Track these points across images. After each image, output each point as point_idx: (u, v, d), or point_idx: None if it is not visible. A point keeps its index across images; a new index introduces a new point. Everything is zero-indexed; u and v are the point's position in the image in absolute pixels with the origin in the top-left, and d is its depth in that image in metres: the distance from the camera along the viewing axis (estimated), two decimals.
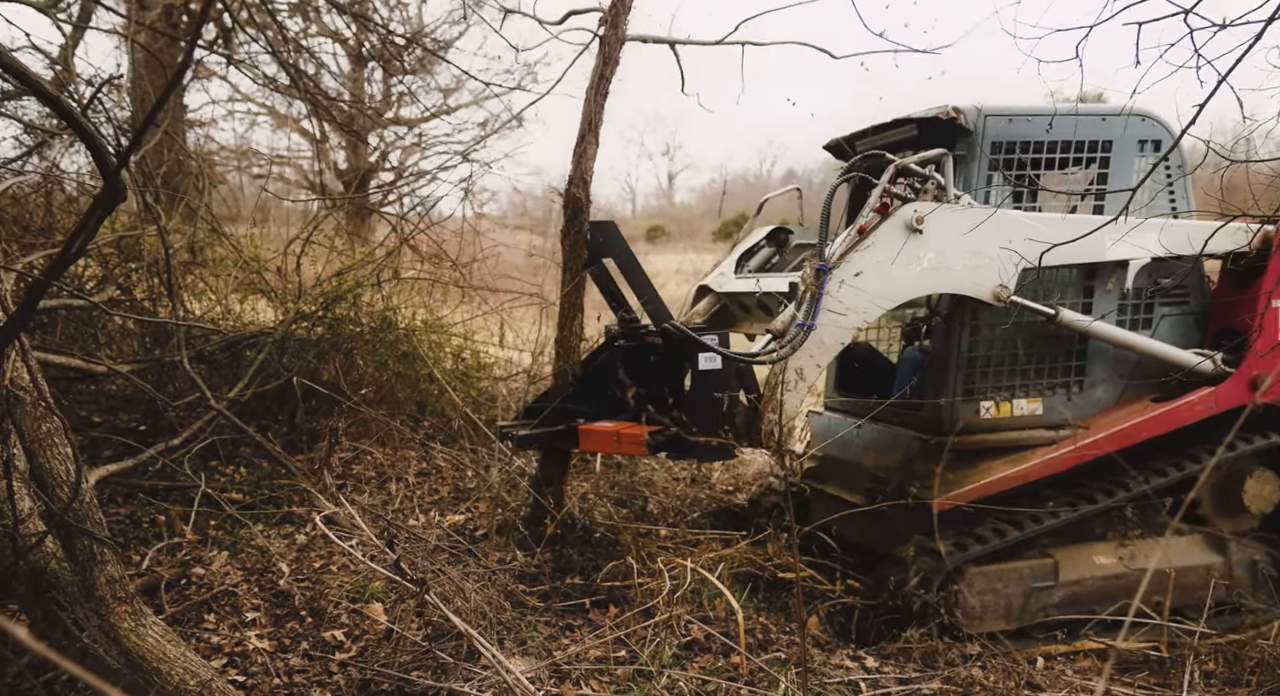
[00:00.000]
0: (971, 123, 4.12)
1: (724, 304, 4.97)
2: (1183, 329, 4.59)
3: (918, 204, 3.81)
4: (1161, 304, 4.55)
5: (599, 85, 4.18)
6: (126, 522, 4.23)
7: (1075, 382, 4.43)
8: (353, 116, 12.42)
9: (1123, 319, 4.46)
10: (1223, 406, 4.35)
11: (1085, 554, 4.31)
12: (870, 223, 3.79)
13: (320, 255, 6.52)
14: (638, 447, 3.73)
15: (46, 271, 1.59)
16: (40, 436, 2.56)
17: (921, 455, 4.37)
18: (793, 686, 3.12)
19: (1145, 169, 4.43)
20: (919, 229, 3.76)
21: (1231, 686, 3.48)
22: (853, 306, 3.68)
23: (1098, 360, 4.45)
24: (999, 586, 4.09)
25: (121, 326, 5.66)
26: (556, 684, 3.10)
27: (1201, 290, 4.66)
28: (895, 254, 3.72)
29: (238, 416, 4.99)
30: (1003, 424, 4.32)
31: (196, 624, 3.39)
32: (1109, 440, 4.23)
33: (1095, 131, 4.30)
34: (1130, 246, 4.17)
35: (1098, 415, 4.41)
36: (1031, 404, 4.37)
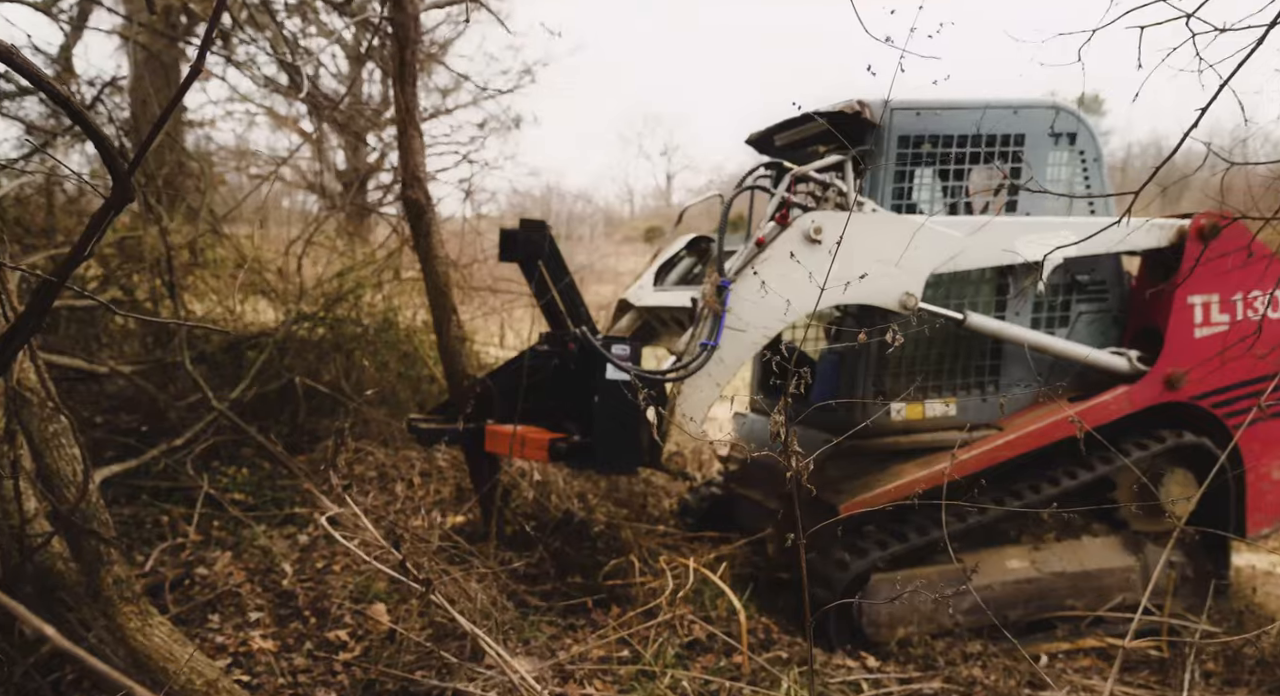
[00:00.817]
0: (877, 117, 3.99)
1: (645, 319, 4.88)
2: (1101, 327, 4.51)
3: (815, 213, 3.71)
4: (1079, 301, 4.46)
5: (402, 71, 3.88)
6: (129, 523, 4.24)
7: (990, 383, 4.35)
8: (351, 116, 12.41)
9: (1038, 317, 4.38)
10: (1138, 405, 4.29)
11: (997, 558, 4.21)
12: (769, 234, 3.69)
13: (321, 256, 6.54)
14: (539, 453, 3.66)
15: (57, 271, 1.60)
16: (47, 437, 2.57)
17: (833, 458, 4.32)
18: (795, 685, 3.14)
19: (1058, 162, 4.35)
20: (818, 239, 3.65)
21: (1231, 686, 3.50)
22: (753, 322, 3.58)
23: (1013, 360, 4.35)
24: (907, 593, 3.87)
25: (123, 327, 5.67)
26: (560, 683, 3.11)
27: (1120, 287, 4.58)
28: (794, 266, 3.55)
29: (239, 417, 5.00)
30: (914, 425, 4.22)
31: (201, 624, 3.40)
32: (1022, 440, 4.14)
33: (1007, 125, 4.17)
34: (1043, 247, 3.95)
35: (1013, 416, 4.33)
36: (944, 405, 4.28)
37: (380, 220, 10.60)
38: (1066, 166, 4.38)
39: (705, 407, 3.63)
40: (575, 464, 3.80)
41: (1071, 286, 4.44)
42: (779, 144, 4.68)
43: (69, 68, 6.82)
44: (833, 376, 4.41)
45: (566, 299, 4.07)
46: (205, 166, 7.56)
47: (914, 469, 4.07)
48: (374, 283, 6.13)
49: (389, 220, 7.82)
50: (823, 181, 3.85)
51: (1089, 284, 4.47)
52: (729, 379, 3.66)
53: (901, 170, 4.14)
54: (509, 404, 3.94)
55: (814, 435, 4.35)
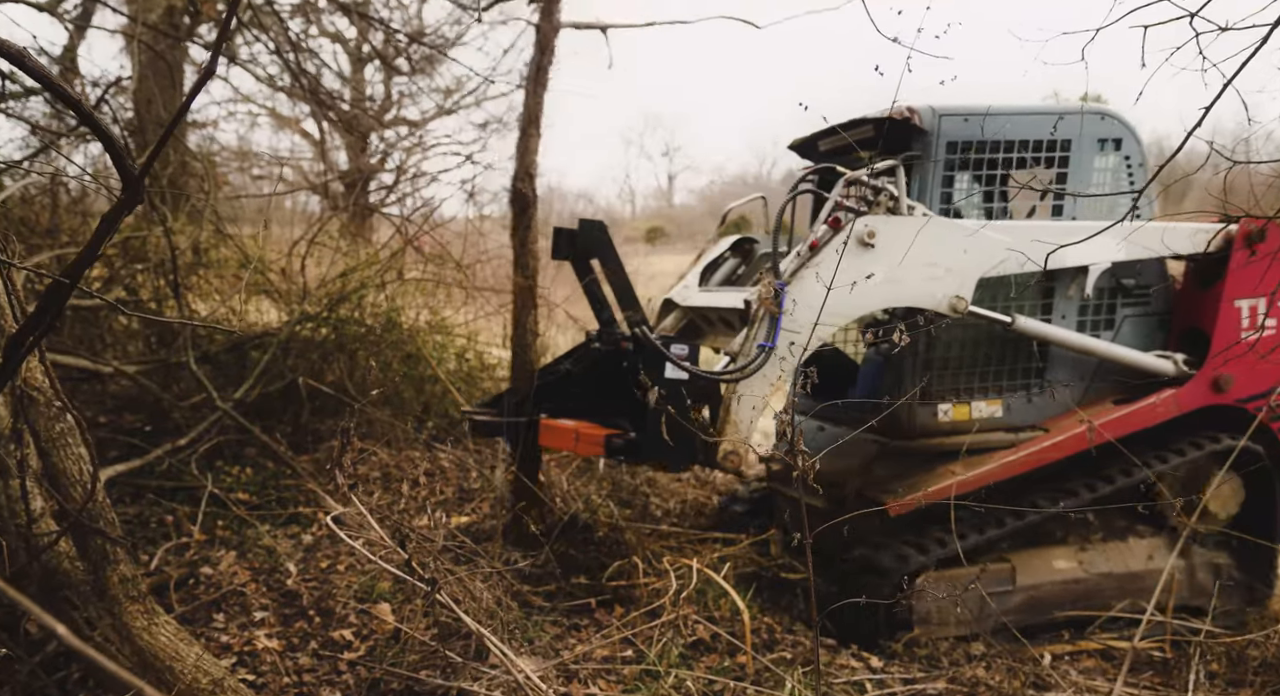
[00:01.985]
0: (926, 123, 4.04)
1: (690, 318, 4.92)
2: (1146, 330, 4.53)
3: (869, 217, 3.75)
4: (1124, 305, 4.49)
5: (537, 76, 4.06)
6: (134, 523, 4.25)
7: (1036, 385, 4.37)
8: (354, 117, 12.43)
9: (1084, 320, 4.40)
10: (1185, 408, 4.30)
11: (1043, 558, 4.23)
12: (822, 238, 3.73)
13: (324, 256, 6.54)
14: (594, 448, 3.70)
15: (68, 272, 1.61)
16: (54, 436, 2.57)
17: (880, 458, 4.33)
18: (799, 685, 3.14)
19: (1105, 168, 4.38)
20: (871, 243, 3.69)
21: (1235, 687, 3.50)
22: (807, 324, 3.61)
23: (1059, 362, 4.38)
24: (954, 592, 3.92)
25: (127, 327, 5.68)
26: (564, 683, 3.12)
27: (1165, 291, 4.59)
28: (848, 269, 3.59)
29: (243, 417, 5.01)
30: (961, 427, 4.24)
31: (206, 623, 3.40)
32: (1069, 442, 4.15)
33: (1054, 131, 4.21)
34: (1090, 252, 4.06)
35: (1059, 417, 4.34)
36: (991, 406, 4.30)
37: (383, 220, 10.60)
38: (1112, 171, 4.41)
39: (760, 407, 3.69)
40: (630, 459, 3.84)
41: (1116, 290, 4.47)
42: (823, 149, 4.76)
43: (74, 68, 6.83)
44: (876, 378, 4.46)
45: (621, 293, 4.07)
46: (208, 167, 7.57)
47: (962, 469, 4.11)
48: (377, 283, 6.13)
49: (392, 220, 7.83)
50: (875, 186, 3.89)
51: (1134, 287, 4.51)
52: (783, 379, 3.72)
53: (949, 175, 4.20)
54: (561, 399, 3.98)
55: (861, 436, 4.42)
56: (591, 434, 3.74)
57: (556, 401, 4.11)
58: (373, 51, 14.45)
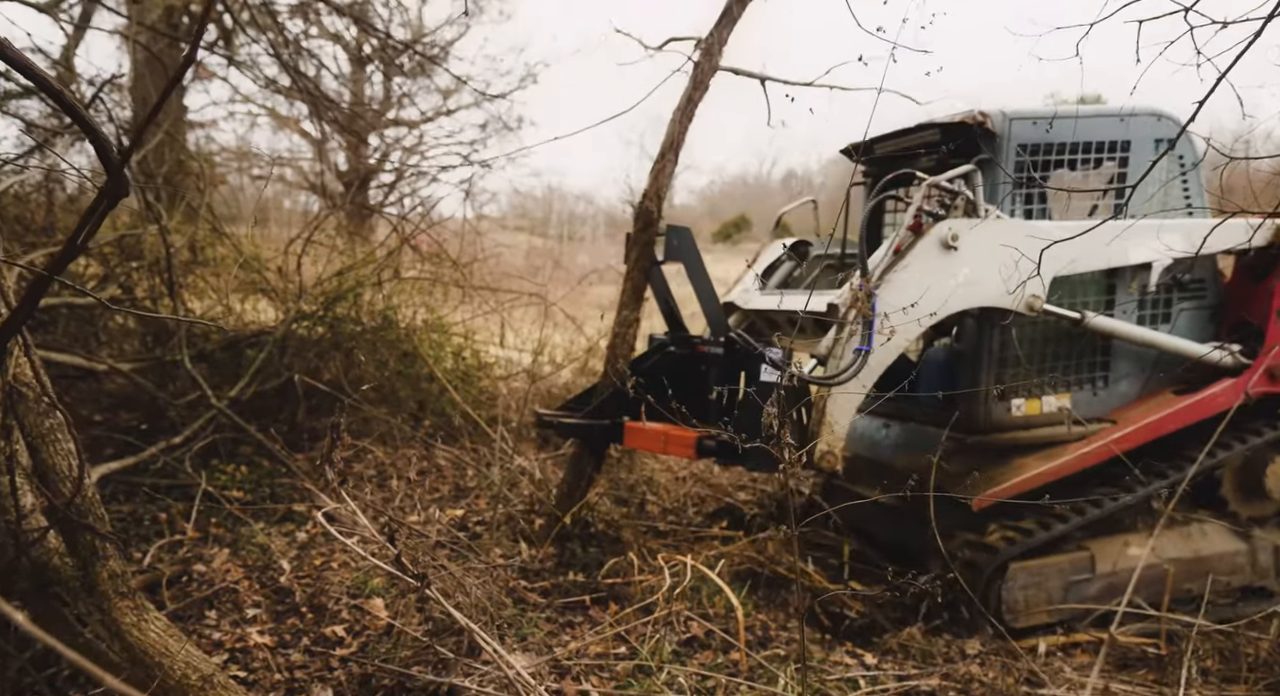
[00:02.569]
0: (998, 127, 4.17)
1: (751, 320, 5.00)
2: (1200, 322, 4.68)
3: (952, 222, 3.86)
4: (1180, 299, 4.65)
5: (686, 107, 4.27)
6: (128, 520, 4.25)
7: (1101, 378, 4.52)
8: (353, 117, 12.44)
9: (1142, 314, 4.55)
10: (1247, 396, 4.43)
11: (1119, 545, 4.37)
12: (905, 242, 3.84)
13: (321, 255, 6.54)
14: (686, 450, 3.78)
15: (51, 264, 1.60)
16: (43, 432, 2.57)
17: (955, 454, 4.42)
18: (792, 682, 3.13)
19: (1162, 168, 4.50)
20: (954, 246, 3.81)
21: (1229, 683, 3.49)
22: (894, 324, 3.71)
23: (1121, 355, 4.54)
24: (1040, 580, 4.15)
25: (122, 325, 5.68)
26: (557, 679, 3.11)
27: (1216, 284, 4.75)
28: (932, 272, 3.76)
29: (239, 415, 5.01)
30: (1034, 420, 4.39)
31: (198, 620, 3.40)
32: (1139, 433, 4.31)
33: (1114, 132, 4.36)
34: (1152, 249, 4.25)
35: (1123, 409, 4.51)
36: (1060, 400, 4.43)
37: (381, 220, 10.61)
38: (1168, 170, 4.54)
39: (852, 410, 3.76)
40: (721, 460, 3.92)
41: (1172, 285, 4.62)
42: (879, 153, 4.84)
43: (70, 68, 6.84)
44: (940, 373, 4.55)
45: (710, 302, 4.14)
46: (205, 165, 7.57)
47: (1037, 462, 4.23)
48: (374, 281, 6.13)
49: (389, 219, 7.83)
50: (953, 189, 3.97)
51: (1189, 282, 4.66)
52: (872, 382, 3.79)
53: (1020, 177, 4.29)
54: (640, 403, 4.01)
55: (932, 432, 4.54)
56: (682, 435, 3.80)
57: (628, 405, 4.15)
58: (372, 52, 14.47)
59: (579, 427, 4.22)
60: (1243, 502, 4.68)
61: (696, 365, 4.22)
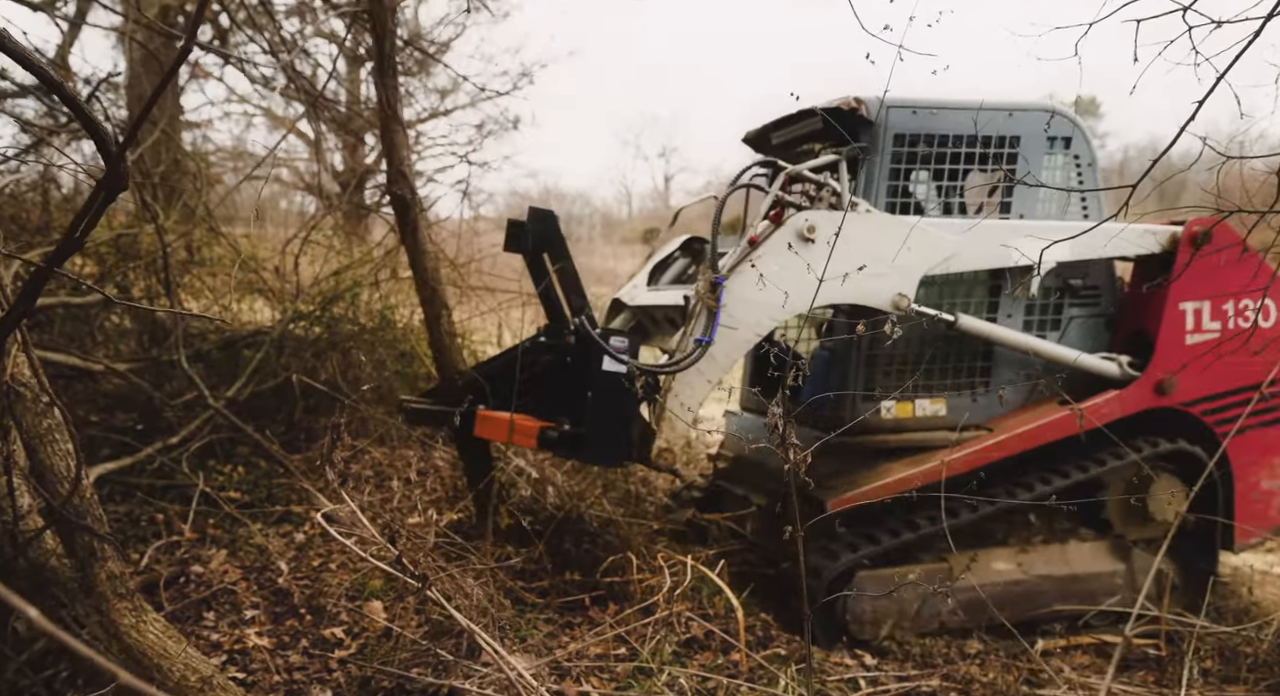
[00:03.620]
0: (874, 114, 3.97)
1: (638, 318, 4.88)
2: (1093, 331, 4.50)
3: (809, 212, 3.70)
4: (1071, 305, 4.47)
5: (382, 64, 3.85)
6: (124, 521, 4.22)
7: (981, 384, 4.35)
8: (350, 117, 12.41)
9: (1030, 320, 4.37)
10: (1128, 410, 4.28)
11: (984, 559, 4.20)
12: (762, 232, 3.68)
13: (318, 255, 6.52)
14: (528, 440, 3.64)
15: (49, 258, 1.59)
16: (40, 432, 2.55)
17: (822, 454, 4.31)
18: (793, 683, 3.12)
19: (1053, 166, 4.34)
20: (811, 238, 3.64)
21: (1229, 683, 3.49)
22: (746, 320, 3.57)
23: (1004, 362, 4.36)
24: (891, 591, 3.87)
25: (119, 325, 5.65)
26: (557, 680, 3.10)
27: (1113, 292, 4.57)
28: (787, 265, 3.56)
29: (236, 415, 4.99)
30: (905, 424, 4.23)
31: (196, 621, 3.38)
32: (1012, 442, 4.14)
33: (1003, 127, 4.16)
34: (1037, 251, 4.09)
35: (1003, 417, 4.33)
36: (935, 405, 4.28)
37: (378, 220, 10.58)
38: (1061, 170, 4.37)
39: (697, 404, 3.62)
40: (563, 453, 3.78)
41: (1064, 290, 4.43)
42: (775, 141, 4.66)
43: (66, 66, 6.80)
44: (824, 374, 4.40)
45: (567, 284, 3.95)
46: (202, 165, 7.55)
47: (903, 467, 4.07)
48: (371, 281, 6.11)
49: (386, 219, 7.81)
50: (817, 181, 3.83)
51: (1082, 288, 4.47)
52: (720, 376, 3.66)
53: (896, 169, 4.11)
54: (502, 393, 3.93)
55: (805, 432, 4.33)
56: (526, 425, 3.67)
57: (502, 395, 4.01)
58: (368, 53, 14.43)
59: (427, 414, 4.08)
60: (1127, 524, 4.47)
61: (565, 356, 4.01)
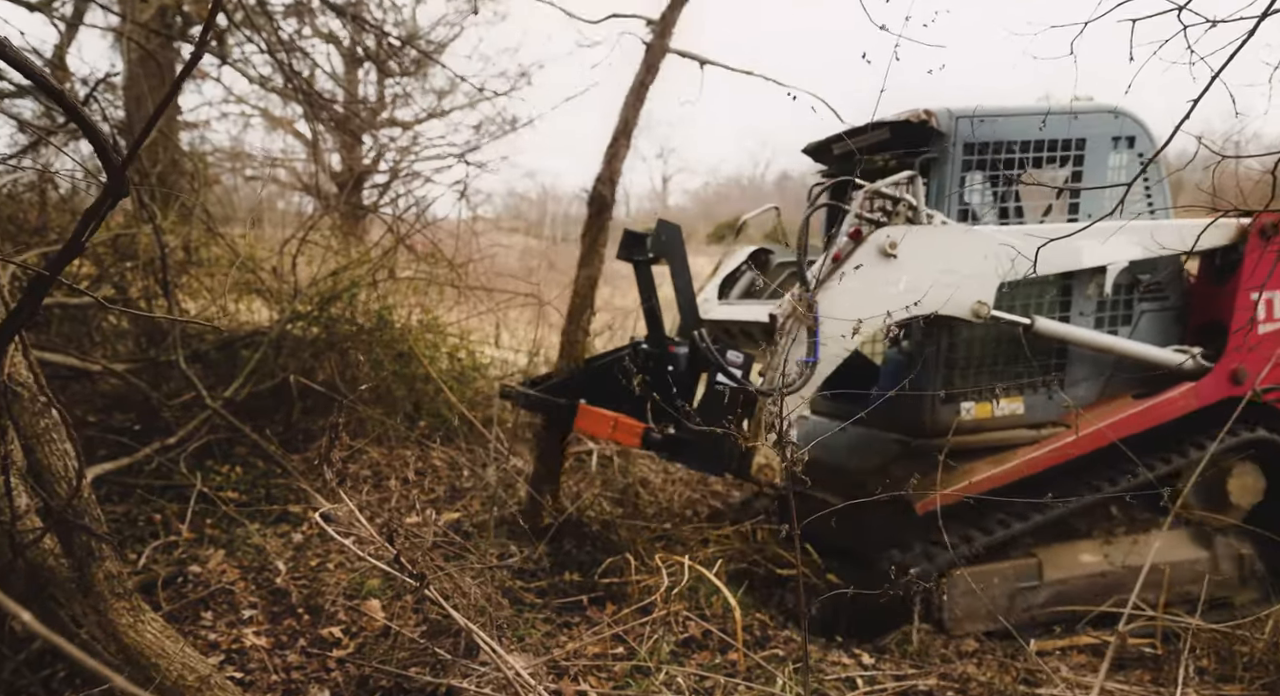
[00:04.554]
0: (944, 125, 4.08)
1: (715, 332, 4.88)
2: (1163, 325, 4.58)
3: (890, 228, 3.79)
4: (1141, 300, 4.54)
5: (639, 91, 4.27)
6: (122, 521, 4.22)
7: (1056, 381, 4.42)
8: (347, 118, 12.40)
9: (1102, 317, 4.44)
10: (1203, 401, 4.33)
11: (1070, 552, 4.28)
12: (844, 249, 3.78)
13: (316, 255, 6.52)
14: (631, 438, 3.75)
15: (51, 263, 1.59)
16: (38, 432, 2.55)
17: (902, 457, 4.35)
18: (790, 682, 3.13)
19: (1120, 166, 4.40)
20: (893, 253, 3.74)
21: (1225, 682, 3.50)
22: (833, 335, 3.65)
23: (1078, 359, 4.43)
24: (983, 587, 4.04)
25: (116, 326, 5.65)
26: (555, 680, 3.10)
27: (1180, 284, 4.64)
28: (871, 281, 3.68)
29: (233, 416, 4.99)
30: (984, 424, 4.30)
31: (193, 621, 3.38)
32: (1091, 438, 4.18)
33: (1068, 130, 4.24)
34: (1108, 252, 4.15)
35: (1080, 413, 4.36)
36: (1012, 404, 4.34)
37: (376, 221, 10.58)
38: (1126, 169, 4.44)
39: (794, 421, 3.72)
40: (665, 455, 3.91)
41: (1133, 286, 4.52)
42: (837, 153, 4.78)
43: (63, 67, 6.80)
44: (898, 377, 4.48)
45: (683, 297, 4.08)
46: (199, 165, 7.54)
47: (986, 467, 4.16)
48: (368, 282, 6.11)
49: (384, 220, 7.81)
50: (893, 196, 3.92)
51: (1151, 283, 4.56)
52: (811, 392, 3.74)
53: (966, 178, 4.23)
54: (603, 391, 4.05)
55: (880, 435, 4.47)
56: (630, 424, 3.79)
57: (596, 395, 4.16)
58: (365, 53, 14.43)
59: (538, 400, 4.21)
60: (1205, 511, 4.56)
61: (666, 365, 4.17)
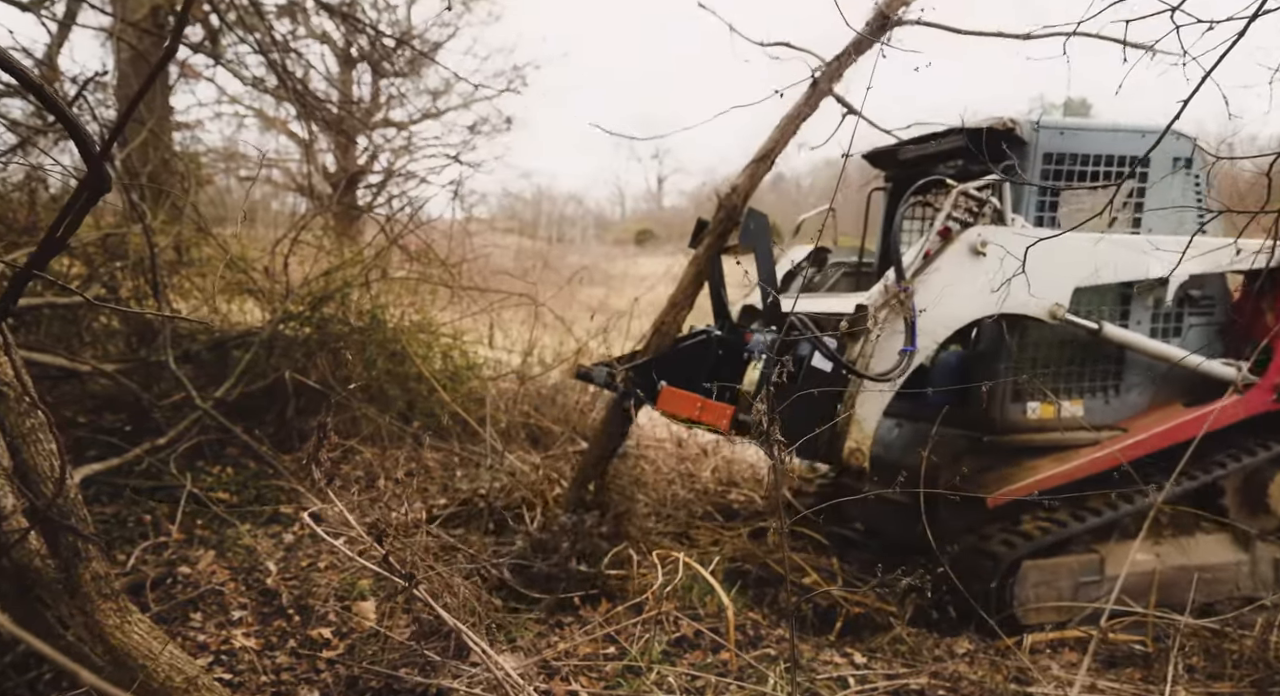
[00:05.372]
0: (1026, 135, 4.25)
1: None
2: (1207, 338, 4.79)
3: (981, 228, 3.95)
4: (1190, 314, 4.77)
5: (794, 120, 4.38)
6: (112, 522, 4.20)
7: (1113, 387, 4.63)
8: (341, 118, 12.38)
9: (1154, 328, 4.66)
10: (1250, 412, 4.57)
11: (1127, 550, 4.43)
12: (934, 247, 3.92)
13: (308, 255, 6.50)
14: (720, 419, 3.81)
15: (30, 259, 1.58)
16: (24, 432, 2.53)
17: (969, 453, 4.50)
18: (781, 681, 3.12)
19: (1177, 186, 4.61)
20: (983, 252, 3.87)
21: (1215, 680, 3.51)
22: (922, 329, 3.76)
23: (1132, 366, 4.65)
24: (1051, 579, 4.23)
25: (107, 326, 5.62)
26: (546, 680, 3.09)
27: (1225, 302, 4.87)
28: (961, 278, 3.83)
29: (225, 416, 4.97)
30: (1048, 424, 4.49)
31: (183, 622, 3.36)
32: (1150, 441, 4.42)
33: (1135, 147, 4.45)
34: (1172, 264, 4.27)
35: (1134, 418, 4.62)
36: (1073, 406, 4.54)
37: (368, 221, 10.55)
38: (1180, 188, 4.65)
39: (880, 410, 3.79)
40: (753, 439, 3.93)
41: (1184, 300, 4.75)
42: (902, 158, 4.92)
43: (54, 67, 6.77)
44: (951, 376, 4.67)
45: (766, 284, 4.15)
46: (191, 165, 7.52)
47: (1050, 465, 4.34)
48: (361, 282, 6.10)
49: (377, 220, 7.79)
50: (981, 198, 4.05)
51: (1200, 298, 4.79)
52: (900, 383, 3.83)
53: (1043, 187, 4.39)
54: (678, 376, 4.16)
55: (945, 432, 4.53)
56: (718, 406, 3.85)
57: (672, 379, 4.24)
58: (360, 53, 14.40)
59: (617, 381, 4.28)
60: (1245, 516, 4.78)
61: (739, 353, 4.29)
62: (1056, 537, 4.24)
